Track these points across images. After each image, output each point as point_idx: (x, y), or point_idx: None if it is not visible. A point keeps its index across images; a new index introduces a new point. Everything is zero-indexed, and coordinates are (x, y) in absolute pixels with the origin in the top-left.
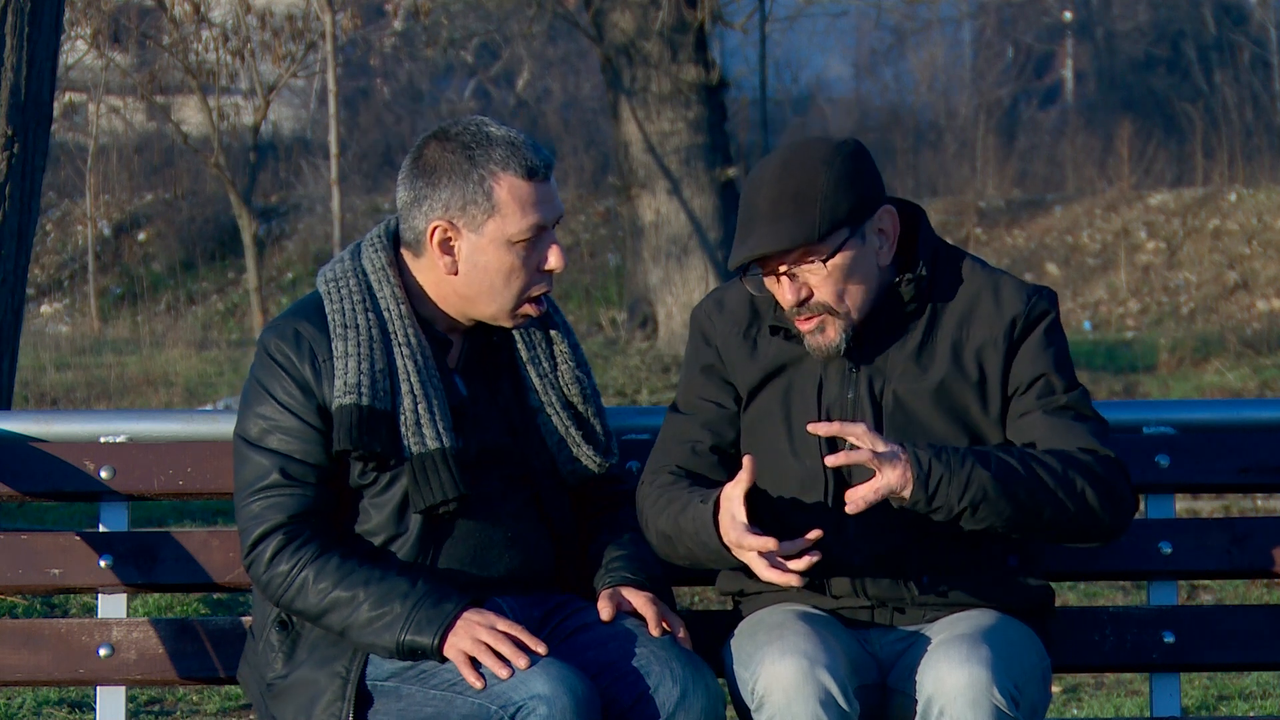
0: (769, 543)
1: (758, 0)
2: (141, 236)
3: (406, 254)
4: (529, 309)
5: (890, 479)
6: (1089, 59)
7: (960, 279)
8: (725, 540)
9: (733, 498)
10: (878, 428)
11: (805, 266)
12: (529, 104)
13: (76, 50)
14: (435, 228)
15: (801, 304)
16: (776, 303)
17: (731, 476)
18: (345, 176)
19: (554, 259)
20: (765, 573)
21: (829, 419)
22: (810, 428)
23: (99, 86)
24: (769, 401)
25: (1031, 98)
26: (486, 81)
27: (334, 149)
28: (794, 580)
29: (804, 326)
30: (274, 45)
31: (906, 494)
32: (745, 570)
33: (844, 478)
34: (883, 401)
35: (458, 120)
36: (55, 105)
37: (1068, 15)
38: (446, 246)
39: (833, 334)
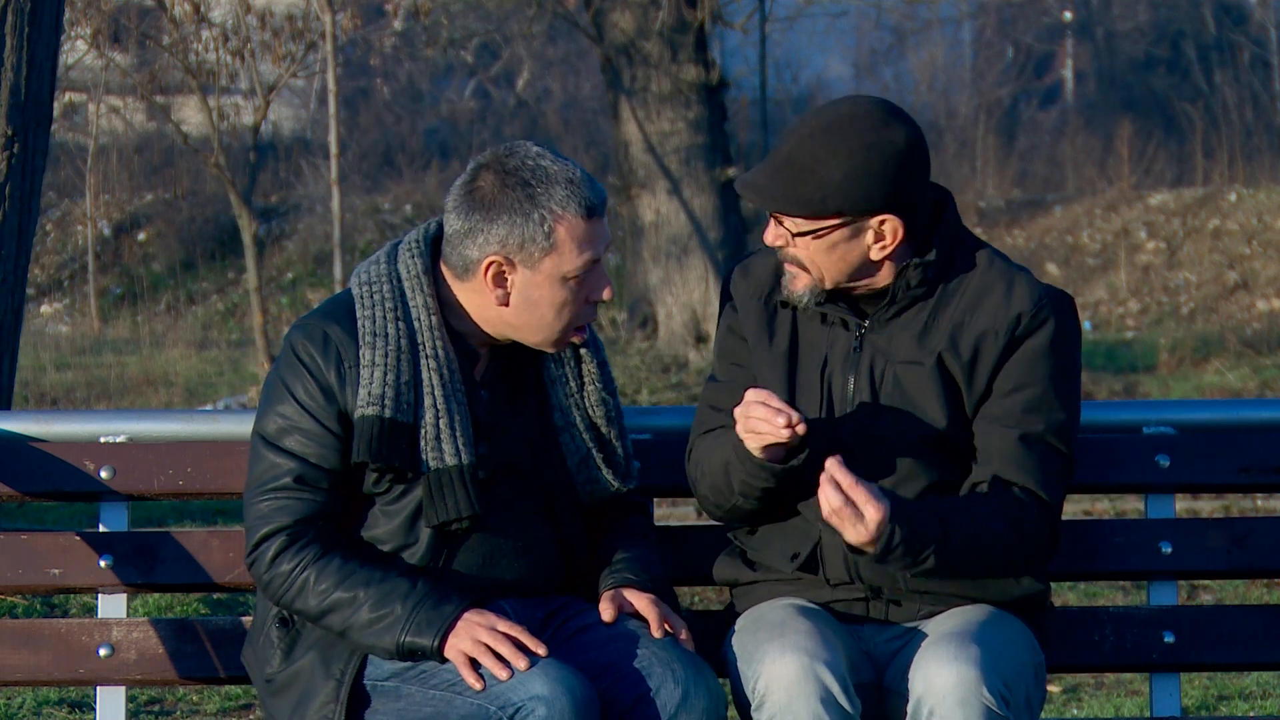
0: (778, 424)
1: (758, 0)
2: (141, 236)
3: (447, 271)
4: (574, 337)
5: (850, 535)
6: (1089, 59)
7: (976, 268)
8: (746, 402)
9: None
10: (874, 403)
11: (790, 223)
12: (529, 104)
13: (76, 50)
14: (491, 262)
15: (779, 248)
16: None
17: None
18: (345, 176)
19: (605, 292)
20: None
21: (830, 392)
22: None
23: (99, 86)
24: (773, 369)
25: (1031, 98)
26: (486, 81)
27: (334, 149)
28: (794, 426)
29: (785, 267)
30: (274, 45)
31: (865, 550)
32: (742, 557)
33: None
34: (882, 381)
35: (513, 150)
36: (55, 105)
37: (1068, 15)
38: (500, 280)
39: (800, 287)
